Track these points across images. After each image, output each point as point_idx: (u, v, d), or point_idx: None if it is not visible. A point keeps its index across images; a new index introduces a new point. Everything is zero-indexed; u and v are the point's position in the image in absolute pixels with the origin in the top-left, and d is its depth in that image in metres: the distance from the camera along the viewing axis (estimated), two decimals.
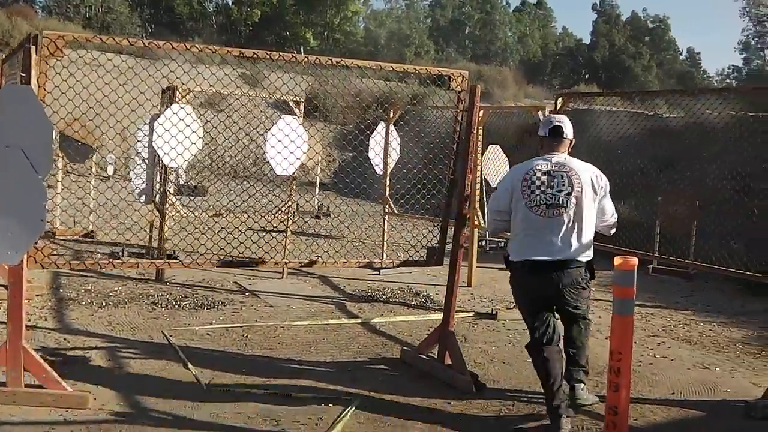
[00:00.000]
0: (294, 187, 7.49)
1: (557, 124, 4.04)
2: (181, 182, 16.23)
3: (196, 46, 4.44)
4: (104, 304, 6.19)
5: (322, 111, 18.82)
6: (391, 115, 8.37)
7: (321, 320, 6.04)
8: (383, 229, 8.56)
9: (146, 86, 5.14)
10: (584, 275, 3.97)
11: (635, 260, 3.42)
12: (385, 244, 8.60)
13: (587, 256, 3.97)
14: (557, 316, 4.10)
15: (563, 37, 72.87)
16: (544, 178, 3.91)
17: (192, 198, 11.25)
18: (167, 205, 7.05)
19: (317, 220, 12.80)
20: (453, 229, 4.80)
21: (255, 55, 4.12)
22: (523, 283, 4.01)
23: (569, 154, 4.06)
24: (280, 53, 4.28)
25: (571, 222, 3.89)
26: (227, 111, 15.03)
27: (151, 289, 6.76)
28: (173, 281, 7.20)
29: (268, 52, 4.16)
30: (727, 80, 61.07)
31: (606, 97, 8.95)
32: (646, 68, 59.52)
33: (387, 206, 8.54)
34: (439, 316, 6.27)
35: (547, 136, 4.03)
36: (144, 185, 7.72)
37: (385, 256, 8.59)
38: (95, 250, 8.36)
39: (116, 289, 6.71)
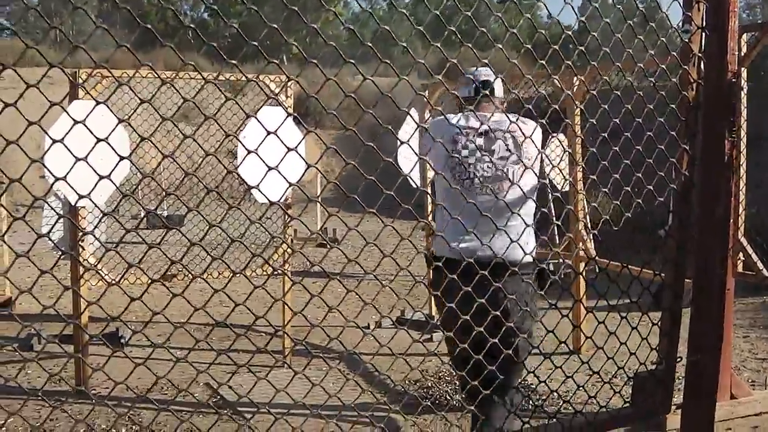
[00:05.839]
0: (288, 218, 4.66)
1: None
2: (154, 211, 13.64)
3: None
4: None
5: (314, 116, 16.00)
6: (427, 94, 5.49)
7: None
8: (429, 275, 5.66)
9: None
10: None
11: None
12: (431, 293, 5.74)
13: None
14: None
15: (551, 26, 70.55)
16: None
17: (170, 228, 8.53)
18: (82, 266, 4.21)
19: (322, 248, 10.01)
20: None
21: None
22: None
23: None
24: None
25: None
26: (207, 123, 12.26)
27: (55, 418, 3.89)
28: (103, 386, 4.37)
29: None
30: None
31: None
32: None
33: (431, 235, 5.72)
34: None
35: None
36: (62, 232, 5.08)
37: (434, 310, 5.77)
38: None
39: None
